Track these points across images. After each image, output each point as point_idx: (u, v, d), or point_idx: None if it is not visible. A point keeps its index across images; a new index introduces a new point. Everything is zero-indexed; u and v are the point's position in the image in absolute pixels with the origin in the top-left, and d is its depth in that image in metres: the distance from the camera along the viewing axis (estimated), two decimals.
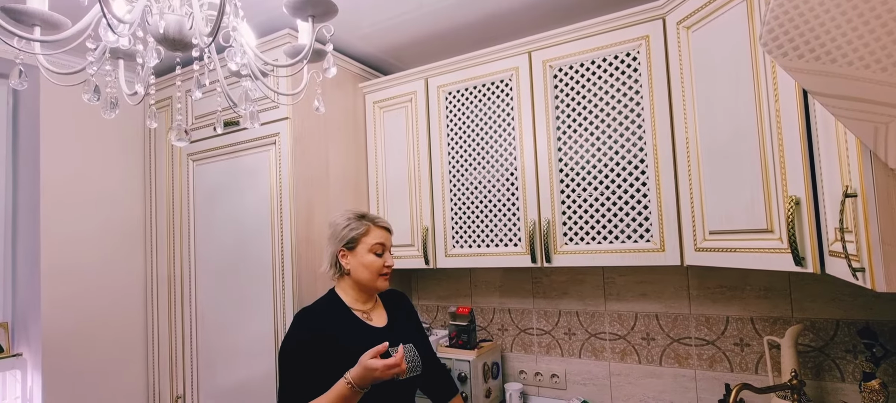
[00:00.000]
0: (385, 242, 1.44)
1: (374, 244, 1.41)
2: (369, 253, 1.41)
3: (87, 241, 1.97)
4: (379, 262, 1.41)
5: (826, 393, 1.50)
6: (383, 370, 1.16)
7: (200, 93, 0.83)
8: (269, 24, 1.78)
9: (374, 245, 1.41)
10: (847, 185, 0.79)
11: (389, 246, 1.46)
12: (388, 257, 1.44)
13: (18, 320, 1.92)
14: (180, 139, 0.87)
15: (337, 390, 1.20)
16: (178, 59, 0.94)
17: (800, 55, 0.73)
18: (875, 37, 0.67)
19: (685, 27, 1.39)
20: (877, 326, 1.42)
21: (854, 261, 0.79)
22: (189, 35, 0.78)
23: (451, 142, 1.88)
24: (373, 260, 1.41)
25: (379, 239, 1.42)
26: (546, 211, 1.66)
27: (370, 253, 1.41)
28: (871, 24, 0.67)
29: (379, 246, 1.41)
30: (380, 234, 1.43)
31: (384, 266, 1.42)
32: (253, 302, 1.80)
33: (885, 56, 0.67)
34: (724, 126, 1.27)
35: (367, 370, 1.17)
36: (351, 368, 1.24)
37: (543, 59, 1.68)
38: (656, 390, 1.78)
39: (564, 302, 1.97)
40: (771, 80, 1.12)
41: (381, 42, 2.01)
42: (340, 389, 1.20)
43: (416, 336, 1.50)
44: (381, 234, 1.44)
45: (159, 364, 2.09)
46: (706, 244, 1.36)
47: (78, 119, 1.96)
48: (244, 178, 1.85)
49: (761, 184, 1.17)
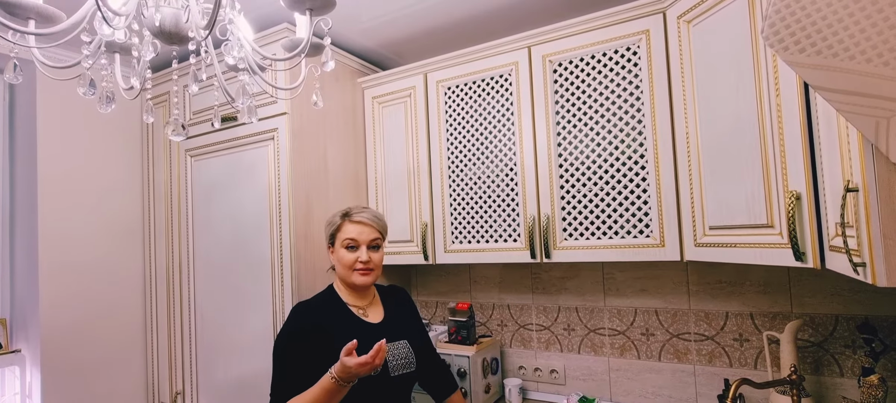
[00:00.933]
0: (358, 237, 1.38)
1: (346, 239, 1.38)
2: (342, 248, 1.39)
3: (86, 237, 1.96)
4: (350, 257, 1.37)
5: (825, 389, 1.50)
6: (357, 367, 1.16)
7: (197, 87, 0.83)
8: (266, 18, 1.77)
9: (345, 240, 1.39)
10: (848, 180, 0.78)
11: (368, 241, 1.39)
12: (363, 252, 1.37)
13: (17, 316, 1.91)
14: (177, 133, 0.86)
15: (323, 384, 1.21)
16: (175, 54, 0.93)
17: (801, 49, 0.72)
18: (877, 30, 0.67)
19: (686, 21, 1.39)
20: (876, 321, 1.42)
21: (855, 256, 0.79)
22: (185, 28, 0.77)
23: (450, 137, 1.87)
24: (344, 255, 1.38)
25: (350, 234, 1.38)
26: (545, 206, 1.65)
27: (342, 248, 1.39)
28: (873, 18, 0.67)
29: (350, 240, 1.38)
30: (352, 229, 1.39)
31: (358, 261, 1.37)
32: (252, 298, 1.80)
33: (887, 50, 0.67)
34: (724, 121, 1.27)
35: (344, 366, 1.17)
36: None
37: (543, 53, 1.67)
38: (655, 385, 1.78)
39: (564, 298, 1.97)
40: (772, 74, 1.12)
41: (380, 37, 2.00)
42: (326, 383, 1.20)
43: (414, 332, 1.49)
44: (354, 229, 1.39)
45: (158, 360, 2.09)
46: (706, 239, 1.35)
47: (75, 115, 1.95)
48: (242, 174, 1.85)
49: (762, 179, 1.16)
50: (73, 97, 1.89)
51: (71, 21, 0.74)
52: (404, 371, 1.37)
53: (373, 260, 1.39)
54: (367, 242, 1.39)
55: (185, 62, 1.79)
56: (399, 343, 1.40)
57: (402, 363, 1.37)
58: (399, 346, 1.39)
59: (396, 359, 1.36)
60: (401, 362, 1.37)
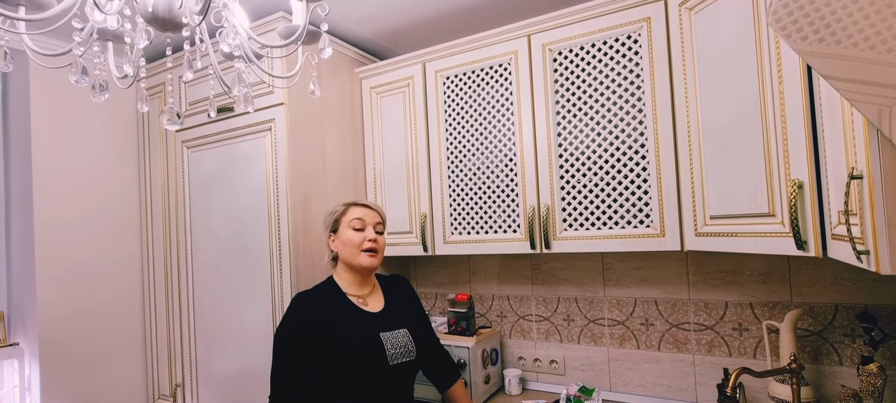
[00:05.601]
0: (365, 218, 1.43)
1: (353, 219, 1.42)
2: (349, 228, 1.42)
3: (82, 229, 1.95)
4: (359, 236, 1.41)
5: (824, 377, 1.51)
6: None
7: (191, 74, 0.81)
8: (263, 6, 1.74)
9: (353, 220, 1.42)
10: (853, 167, 0.77)
11: (373, 224, 1.44)
12: (370, 231, 1.42)
13: (14, 309, 1.91)
14: (172, 122, 0.85)
15: None
16: (169, 42, 0.91)
17: (804, 37, 0.71)
18: (881, 17, 0.66)
19: (687, 8, 1.37)
20: (875, 310, 1.42)
21: (859, 244, 0.78)
22: (179, 14, 0.75)
23: (449, 127, 1.86)
24: (352, 236, 1.41)
25: (357, 215, 1.43)
26: (545, 196, 1.64)
27: (350, 229, 1.42)
28: (877, 5, 0.66)
29: (358, 220, 1.42)
30: (359, 210, 1.44)
31: (366, 240, 1.41)
32: (251, 289, 1.79)
33: (892, 37, 0.66)
34: (726, 109, 1.26)
35: None
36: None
37: (543, 42, 1.65)
38: (655, 375, 1.78)
39: (563, 289, 1.97)
40: (775, 61, 1.10)
41: (378, 26, 1.98)
42: None
43: (414, 320, 1.49)
44: (361, 210, 1.45)
45: (157, 352, 2.09)
46: (707, 229, 1.35)
47: (70, 106, 1.93)
48: (240, 165, 1.83)
49: (763, 168, 1.15)
50: (67, 88, 1.87)
51: (61, 7, 0.73)
52: (403, 359, 1.37)
53: (379, 242, 1.44)
54: (373, 224, 1.44)
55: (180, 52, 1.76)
56: (398, 332, 1.40)
57: (401, 351, 1.37)
58: (398, 335, 1.39)
59: (395, 348, 1.36)
60: (400, 350, 1.36)
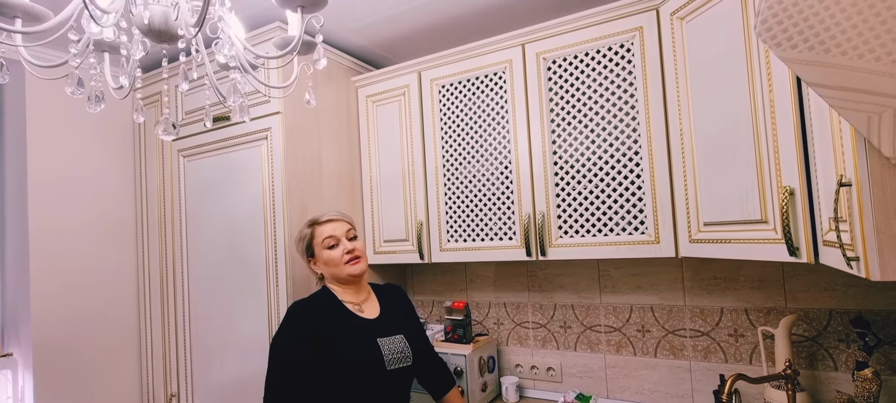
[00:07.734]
0: (335, 233, 1.44)
1: (324, 239, 1.43)
2: (324, 249, 1.43)
3: (77, 239, 1.94)
4: (337, 253, 1.42)
5: (820, 383, 1.51)
6: None
7: (187, 85, 0.82)
8: (258, 17, 1.75)
9: (324, 240, 1.43)
10: (841, 174, 0.78)
11: (344, 234, 1.44)
12: (346, 243, 1.43)
13: (8, 320, 1.89)
14: (167, 133, 0.85)
15: None
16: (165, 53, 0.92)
17: (793, 46, 0.72)
18: (868, 26, 0.67)
19: (679, 18, 1.39)
20: (869, 315, 1.43)
21: (848, 251, 0.79)
22: (175, 26, 0.76)
23: (444, 135, 1.86)
24: (329, 255, 1.42)
25: (326, 234, 1.43)
26: (541, 204, 1.65)
27: (325, 250, 1.43)
28: (865, 14, 0.67)
29: (329, 239, 1.43)
30: (326, 228, 1.45)
31: (344, 253, 1.41)
32: (247, 298, 1.79)
33: (879, 45, 0.67)
34: (718, 117, 1.27)
35: None
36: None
37: (537, 51, 1.67)
38: (652, 382, 1.78)
39: (559, 296, 1.97)
40: (765, 70, 1.12)
41: (374, 35, 1.99)
42: None
43: (410, 328, 1.49)
44: (328, 227, 1.45)
45: (153, 361, 2.07)
46: (701, 235, 1.36)
47: (65, 115, 1.92)
48: (236, 174, 1.83)
49: (755, 175, 1.16)
50: (63, 98, 1.86)
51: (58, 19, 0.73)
52: (400, 364, 1.37)
53: (357, 248, 1.44)
54: (344, 234, 1.45)
55: (176, 62, 1.77)
56: (395, 337, 1.40)
57: (398, 356, 1.37)
58: (395, 340, 1.40)
59: (392, 353, 1.36)
60: (397, 356, 1.37)
